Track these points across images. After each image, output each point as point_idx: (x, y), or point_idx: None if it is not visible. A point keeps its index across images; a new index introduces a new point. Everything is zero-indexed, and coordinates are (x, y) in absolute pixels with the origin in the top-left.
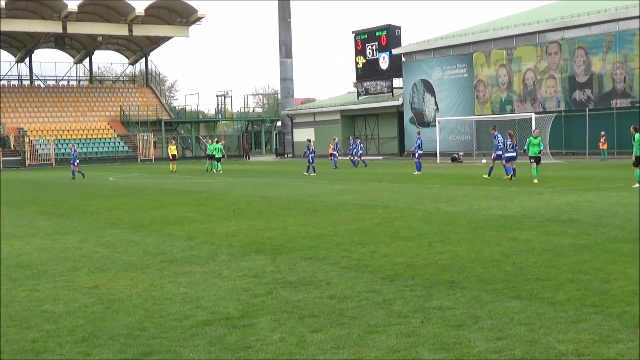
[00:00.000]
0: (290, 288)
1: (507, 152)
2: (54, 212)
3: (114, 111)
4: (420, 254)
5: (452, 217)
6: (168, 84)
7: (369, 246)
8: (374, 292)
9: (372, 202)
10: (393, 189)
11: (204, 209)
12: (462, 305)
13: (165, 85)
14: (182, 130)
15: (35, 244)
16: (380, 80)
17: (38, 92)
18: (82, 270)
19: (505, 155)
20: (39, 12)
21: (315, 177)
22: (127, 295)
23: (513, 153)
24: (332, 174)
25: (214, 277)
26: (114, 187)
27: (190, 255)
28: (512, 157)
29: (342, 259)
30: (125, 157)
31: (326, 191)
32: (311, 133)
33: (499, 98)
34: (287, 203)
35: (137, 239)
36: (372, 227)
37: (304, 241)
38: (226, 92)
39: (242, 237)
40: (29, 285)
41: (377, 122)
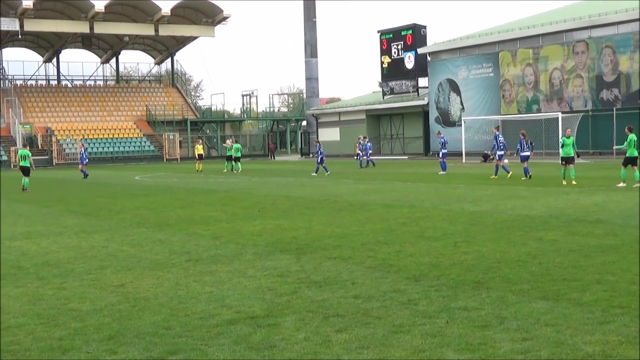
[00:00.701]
0: (315, 287)
1: (522, 151)
2: (80, 211)
3: (140, 111)
4: (445, 254)
5: (478, 217)
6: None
7: (394, 246)
8: (399, 292)
9: (397, 201)
10: (418, 189)
11: (229, 208)
12: (488, 306)
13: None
14: (207, 129)
15: (63, 243)
16: (406, 80)
17: (65, 92)
18: (109, 269)
19: (521, 154)
20: (66, 13)
21: (338, 177)
22: (153, 294)
23: (528, 152)
24: (357, 173)
25: (239, 276)
26: (140, 186)
27: (216, 254)
28: (526, 156)
29: (367, 259)
30: (151, 157)
31: (351, 191)
32: (336, 133)
33: (525, 98)
34: (312, 202)
35: (163, 238)
36: (397, 227)
37: (328, 241)
38: (251, 91)
39: (267, 236)
40: (56, 283)
41: (402, 121)
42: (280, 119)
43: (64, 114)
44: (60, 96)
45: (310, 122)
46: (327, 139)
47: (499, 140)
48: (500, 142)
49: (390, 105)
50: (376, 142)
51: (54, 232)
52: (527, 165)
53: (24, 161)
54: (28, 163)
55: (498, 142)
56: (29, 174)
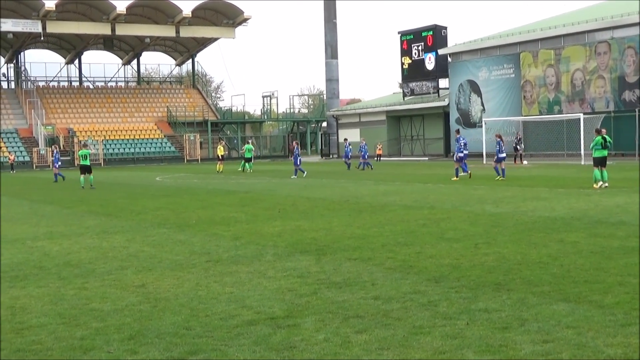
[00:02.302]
0: (335, 289)
1: (500, 153)
2: (102, 211)
3: (161, 112)
4: (466, 255)
5: (499, 218)
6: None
7: (414, 247)
8: (419, 294)
9: (417, 203)
10: (439, 190)
11: (249, 209)
12: (508, 308)
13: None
14: (228, 130)
15: (84, 243)
16: (426, 81)
17: (87, 93)
18: (130, 269)
19: (499, 155)
20: (88, 14)
21: (358, 178)
22: (174, 294)
23: (505, 154)
24: (377, 175)
25: (259, 277)
26: (161, 187)
27: (236, 255)
28: (504, 157)
29: (387, 260)
30: (172, 158)
31: (371, 192)
32: (356, 133)
33: (546, 99)
34: (332, 204)
35: (184, 238)
36: (417, 228)
37: (348, 242)
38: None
39: (287, 237)
40: (77, 283)
41: (422, 122)
42: (300, 120)
43: (85, 115)
44: (82, 97)
45: (331, 123)
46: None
47: (461, 142)
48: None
49: (411, 106)
50: (396, 143)
51: (75, 233)
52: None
53: (85, 160)
54: (88, 162)
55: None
56: (91, 171)
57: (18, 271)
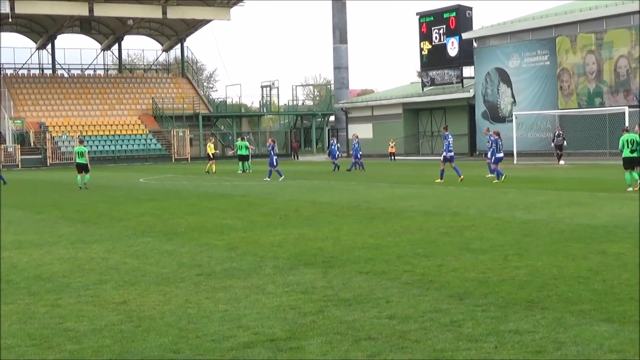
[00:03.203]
0: (344, 306)
1: (498, 153)
2: (77, 217)
3: (146, 104)
4: (493, 268)
5: (531, 226)
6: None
7: (434, 259)
8: (440, 312)
9: (438, 208)
10: (462, 194)
11: (246, 215)
12: (543, 329)
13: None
14: (222, 125)
15: (57, 254)
16: (449, 69)
17: (61, 83)
18: (109, 284)
19: (497, 155)
20: None
21: (371, 180)
22: (159, 313)
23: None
24: (392, 175)
25: (257, 292)
26: (145, 190)
27: (231, 267)
28: (501, 157)
29: (403, 274)
30: (158, 156)
31: (385, 196)
32: (369, 129)
33: (586, 89)
34: (341, 209)
35: (171, 248)
36: (438, 238)
37: (359, 253)
38: (272, 82)
39: (290, 247)
40: (49, 299)
41: (444, 116)
42: (304, 114)
43: (59, 107)
44: (55, 87)
45: (339, 117)
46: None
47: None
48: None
49: (431, 98)
50: (414, 140)
51: (47, 242)
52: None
53: (81, 158)
54: (85, 160)
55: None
56: (88, 170)
57: None
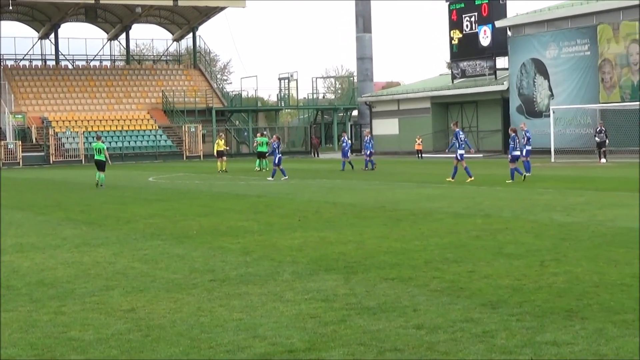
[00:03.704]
0: (368, 315)
1: (514, 150)
2: (82, 219)
3: (155, 97)
4: (529, 275)
5: (570, 229)
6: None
7: (465, 265)
8: (471, 322)
9: (469, 210)
10: (495, 194)
11: (262, 216)
12: (583, 340)
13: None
14: (236, 120)
15: (61, 258)
16: (481, 60)
17: (65, 75)
18: (116, 290)
19: (512, 153)
20: None
21: (396, 179)
22: (170, 321)
23: (519, 152)
24: (419, 174)
25: (274, 300)
26: (155, 190)
27: (246, 273)
28: (517, 156)
29: (432, 280)
30: (169, 153)
31: (412, 196)
32: (394, 125)
33: (630, 82)
34: (364, 211)
35: (182, 252)
36: (469, 241)
37: (384, 258)
38: (290, 74)
39: (309, 251)
40: (53, 307)
41: (476, 111)
42: (325, 108)
43: (63, 101)
44: (58, 80)
45: (363, 111)
46: (383, 132)
47: (459, 137)
48: (461, 139)
49: (462, 91)
50: (443, 136)
51: (50, 245)
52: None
53: (99, 155)
54: (103, 157)
55: (459, 139)
56: (105, 168)
57: None
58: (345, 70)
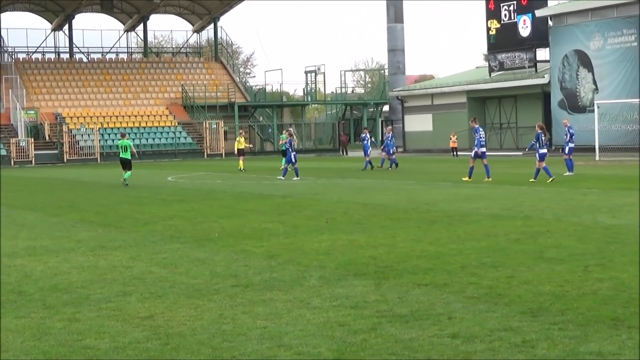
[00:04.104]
0: (400, 323)
1: (541, 149)
2: (98, 220)
3: (175, 92)
4: (572, 281)
5: (616, 232)
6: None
7: (504, 270)
8: (510, 331)
9: (508, 211)
10: (536, 195)
11: (288, 218)
12: (629, 351)
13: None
14: (260, 116)
15: (75, 262)
16: (520, 52)
17: (79, 68)
18: (134, 296)
19: (540, 152)
20: None
21: (431, 179)
22: (190, 329)
23: (546, 149)
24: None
25: (300, 307)
26: (174, 190)
27: (271, 278)
28: (545, 154)
29: (468, 287)
30: (188, 151)
31: (447, 197)
32: (428, 121)
33: None
34: (397, 212)
35: (203, 256)
36: (508, 245)
37: (418, 262)
38: (317, 67)
39: (338, 255)
40: (67, 313)
41: (514, 106)
42: (354, 103)
43: (77, 96)
44: (73, 74)
45: (394, 107)
46: (416, 128)
47: (480, 134)
48: (481, 136)
49: (499, 84)
50: None
51: (64, 248)
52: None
53: (125, 153)
54: (129, 155)
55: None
56: (131, 166)
57: None
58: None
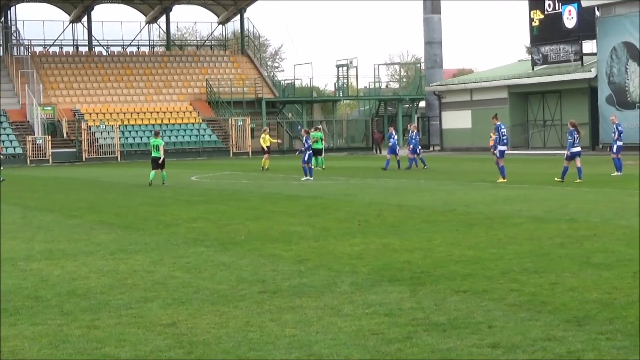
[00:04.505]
0: (437, 332)
1: (573, 146)
2: (118, 222)
3: (199, 87)
4: (621, 287)
5: None
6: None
7: (547, 276)
8: (554, 341)
9: (552, 214)
10: (582, 196)
11: (318, 220)
12: None
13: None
14: (289, 113)
15: (94, 266)
16: (565, 44)
17: (99, 62)
18: (155, 302)
19: (571, 150)
20: None
21: (469, 179)
22: (215, 337)
23: (579, 147)
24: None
25: (331, 314)
26: (198, 190)
27: (300, 284)
28: (578, 152)
29: (509, 293)
30: (213, 150)
31: (487, 198)
32: (467, 117)
33: None
34: (433, 214)
35: (229, 260)
36: (552, 250)
37: (455, 267)
38: (349, 61)
39: (371, 260)
40: (85, 320)
41: (559, 102)
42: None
43: (97, 91)
44: (92, 68)
45: (431, 102)
46: (454, 125)
47: (501, 131)
48: (503, 134)
49: (543, 79)
50: (522, 130)
51: (83, 251)
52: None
53: (157, 152)
54: (160, 154)
55: (500, 134)
56: (164, 166)
57: (6, 303)
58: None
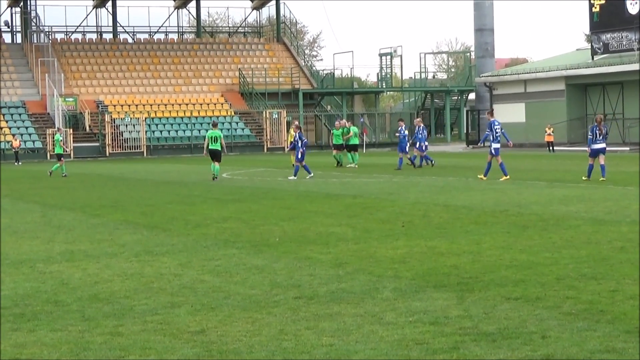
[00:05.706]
0: (486, 342)
1: (594, 143)
2: (144, 222)
3: (231, 77)
4: None
5: None
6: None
7: (607, 282)
8: (613, 352)
9: (612, 215)
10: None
11: (358, 221)
12: None
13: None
14: (328, 105)
15: (118, 268)
16: (628, 32)
17: (124, 50)
18: (183, 308)
19: (592, 147)
20: None
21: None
22: (247, 346)
23: (602, 144)
24: (550, 171)
25: (372, 322)
26: (229, 188)
27: (338, 289)
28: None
29: (565, 301)
30: (246, 144)
31: (542, 198)
32: (520, 111)
33: None
34: (483, 215)
35: (262, 263)
36: (611, 254)
37: (507, 273)
38: (394, 49)
39: (415, 264)
40: (108, 326)
41: (621, 94)
42: (436, 90)
43: (121, 82)
44: (116, 56)
45: (481, 94)
46: (506, 119)
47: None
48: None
49: (604, 69)
50: (580, 125)
51: (105, 253)
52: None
53: (215, 144)
54: (219, 146)
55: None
56: (220, 159)
57: (24, 307)
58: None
